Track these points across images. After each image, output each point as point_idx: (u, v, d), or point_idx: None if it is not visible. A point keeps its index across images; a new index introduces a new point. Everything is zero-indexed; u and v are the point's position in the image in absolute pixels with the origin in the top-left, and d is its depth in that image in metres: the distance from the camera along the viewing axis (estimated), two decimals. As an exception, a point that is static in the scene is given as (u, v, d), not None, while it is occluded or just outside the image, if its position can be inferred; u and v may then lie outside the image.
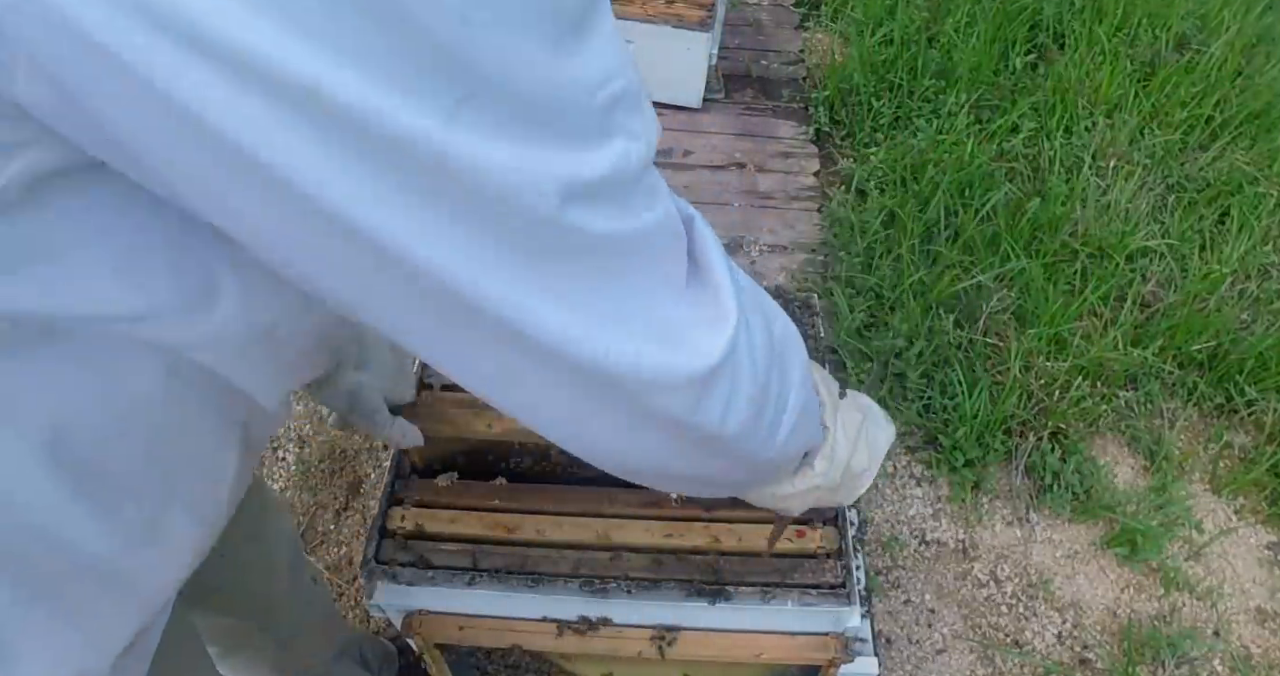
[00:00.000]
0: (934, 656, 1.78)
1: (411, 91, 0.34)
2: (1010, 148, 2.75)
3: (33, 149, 0.39)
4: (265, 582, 1.15)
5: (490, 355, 0.45)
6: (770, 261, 2.57)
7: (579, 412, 0.50)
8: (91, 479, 0.51)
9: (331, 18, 0.32)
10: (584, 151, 0.40)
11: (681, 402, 0.50)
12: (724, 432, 0.53)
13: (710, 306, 0.51)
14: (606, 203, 0.41)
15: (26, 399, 0.46)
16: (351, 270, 0.40)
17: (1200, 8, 3.33)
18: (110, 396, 0.49)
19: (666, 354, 0.47)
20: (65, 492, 0.49)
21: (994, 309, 2.30)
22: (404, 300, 0.41)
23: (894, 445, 0.88)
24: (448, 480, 1.17)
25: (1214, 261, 2.41)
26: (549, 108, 0.38)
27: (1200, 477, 2.11)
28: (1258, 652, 1.82)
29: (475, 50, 0.35)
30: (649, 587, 1.07)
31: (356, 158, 0.34)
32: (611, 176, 0.41)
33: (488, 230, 0.39)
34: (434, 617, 1.13)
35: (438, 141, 0.35)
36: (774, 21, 3.66)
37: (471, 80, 0.35)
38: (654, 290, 0.47)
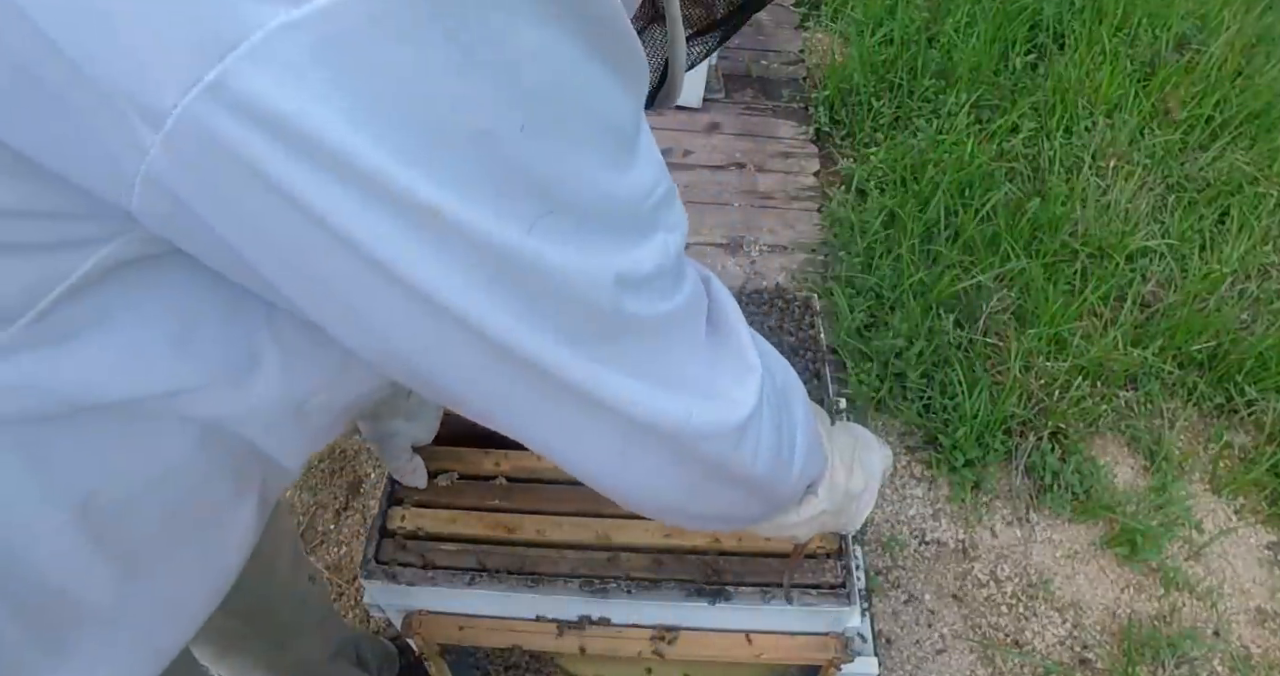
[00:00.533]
0: (934, 656, 1.78)
1: (501, 210, 0.41)
2: (1010, 148, 2.75)
3: (118, 240, 0.43)
4: (263, 582, 1.15)
5: (555, 415, 0.52)
6: (770, 261, 2.57)
7: (628, 460, 0.56)
8: (113, 540, 0.53)
9: (442, 151, 0.38)
10: (635, 249, 0.47)
11: (722, 448, 0.57)
12: (754, 472, 0.60)
13: (737, 359, 0.58)
14: (651, 291, 0.48)
15: (64, 464, 0.48)
16: (444, 349, 0.46)
17: (1200, 8, 3.33)
18: (144, 464, 0.52)
19: (711, 407, 0.55)
20: (86, 553, 0.51)
21: (994, 309, 2.30)
22: (480, 369, 0.47)
23: (890, 466, 0.93)
24: (448, 480, 1.17)
25: (1214, 261, 2.41)
26: (609, 216, 0.45)
27: (1200, 477, 2.10)
28: (1258, 652, 1.82)
29: (551, 174, 0.41)
30: (649, 587, 1.07)
31: (463, 263, 0.41)
32: (656, 269, 0.48)
33: (559, 316, 0.45)
34: (434, 617, 1.13)
35: (521, 248, 0.42)
36: (774, 21, 3.66)
37: (547, 199, 0.42)
38: (693, 352, 0.54)
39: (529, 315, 0.44)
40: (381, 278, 0.40)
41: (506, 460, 1.19)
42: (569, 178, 0.42)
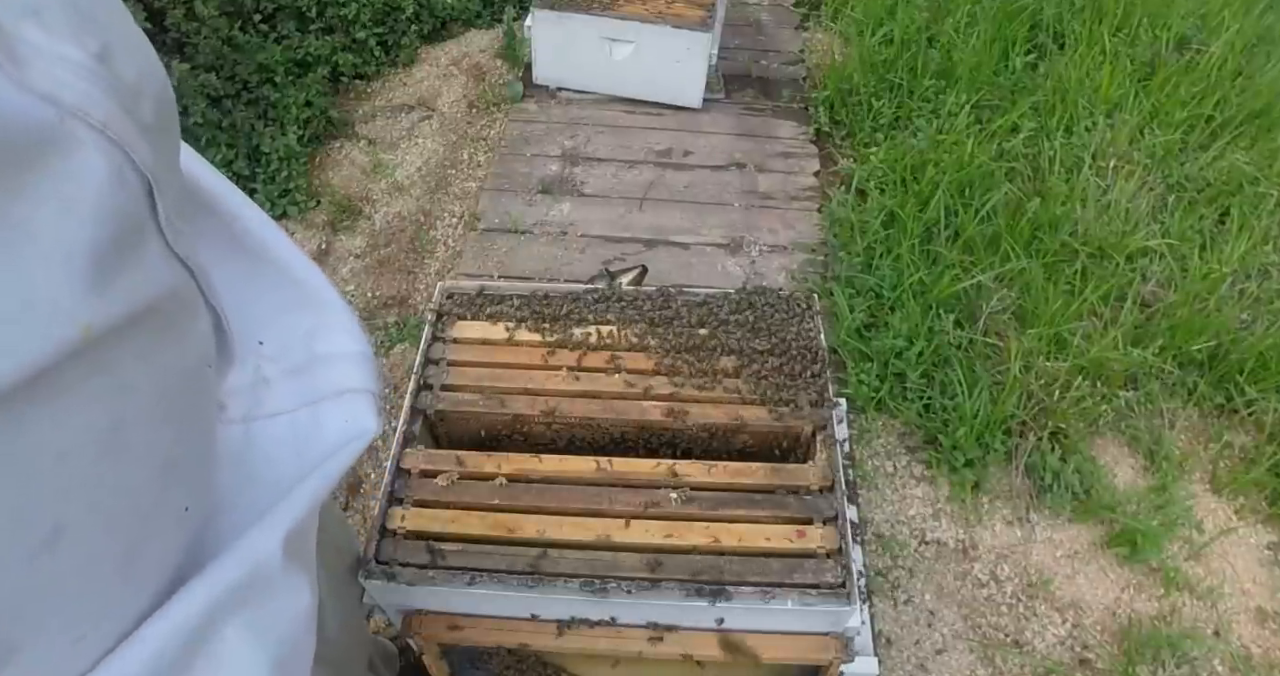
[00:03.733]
0: (934, 656, 1.78)
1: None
2: (1010, 148, 2.75)
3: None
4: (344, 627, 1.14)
5: None
6: (770, 261, 2.57)
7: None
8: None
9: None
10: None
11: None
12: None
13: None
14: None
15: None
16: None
17: (1200, 8, 3.33)
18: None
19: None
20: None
21: (994, 309, 2.30)
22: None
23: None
24: (448, 480, 1.17)
25: (1214, 261, 2.41)
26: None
27: (1200, 477, 2.10)
28: (1258, 652, 1.82)
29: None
30: (649, 587, 1.07)
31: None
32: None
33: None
34: (434, 617, 1.13)
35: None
36: (774, 21, 3.66)
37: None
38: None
39: None
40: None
41: (507, 461, 1.19)
42: None
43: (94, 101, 0.36)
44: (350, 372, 0.62)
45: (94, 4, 0.39)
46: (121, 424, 0.40)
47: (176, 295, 0.44)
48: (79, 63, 0.36)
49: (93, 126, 0.36)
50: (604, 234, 2.64)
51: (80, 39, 0.37)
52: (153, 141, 0.41)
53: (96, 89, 0.37)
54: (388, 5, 3.16)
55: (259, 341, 0.60)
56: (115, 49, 0.39)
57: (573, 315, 1.37)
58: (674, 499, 1.15)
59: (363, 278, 2.49)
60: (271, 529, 0.49)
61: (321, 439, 0.59)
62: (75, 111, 0.35)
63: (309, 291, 0.65)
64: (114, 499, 0.40)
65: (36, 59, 0.34)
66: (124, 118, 0.38)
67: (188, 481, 0.48)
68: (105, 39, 0.38)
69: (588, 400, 1.27)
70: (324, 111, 2.85)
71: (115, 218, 0.38)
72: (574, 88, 3.13)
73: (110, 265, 0.37)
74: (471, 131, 2.98)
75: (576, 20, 2.87)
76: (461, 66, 3.21)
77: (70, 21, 0.36)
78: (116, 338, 0.38)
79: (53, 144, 0.34)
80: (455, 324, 1.37)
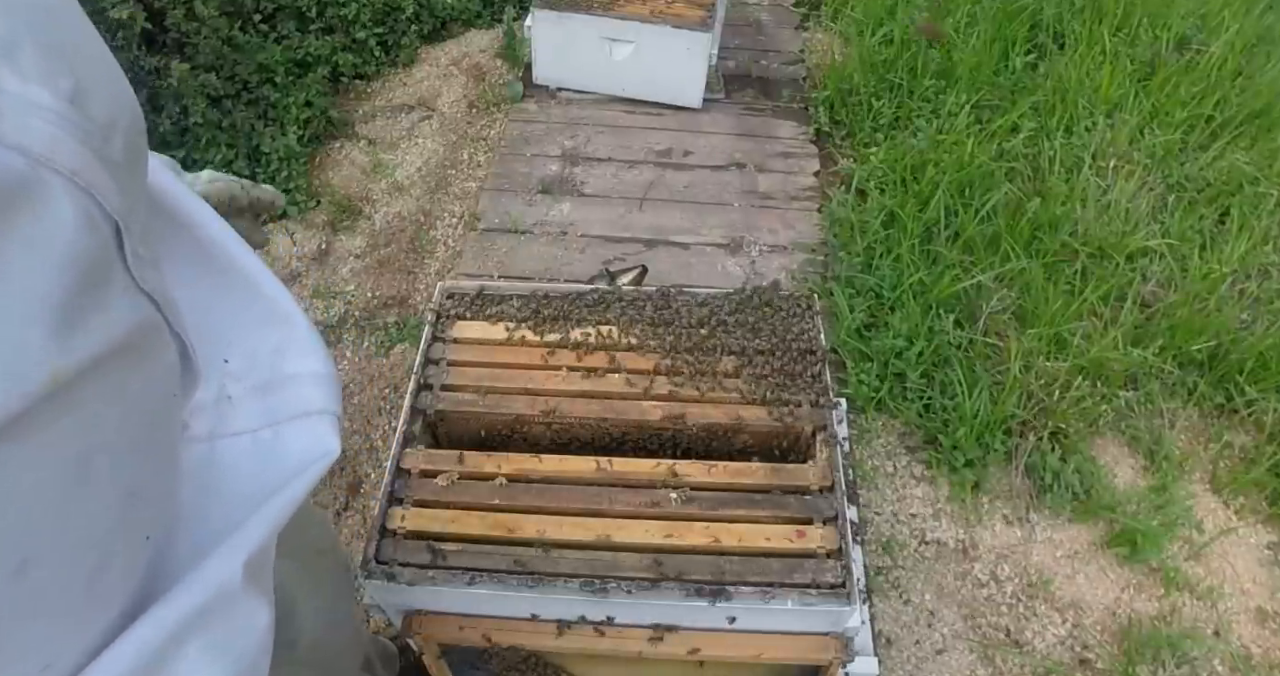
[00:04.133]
0: (934, 656, 1.78)
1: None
2: (1010, 148, 2.75)
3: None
4: (331, 630, 1.14)
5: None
6: (770, 261, 2.57)
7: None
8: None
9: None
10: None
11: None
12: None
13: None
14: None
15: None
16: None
17: (1200, 8, 3.33)
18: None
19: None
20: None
21: (994, 309, 2.30)
22: None
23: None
24: (448, 480, 1.17)
25: (1214, 261, 2.41)
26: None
27: (1200, 477, 2.10)
28: (1258, 652, 1.82)
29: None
30: (649, 587, 1.07)
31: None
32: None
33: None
34: (434, 617, 1.13)
35: None
36: (774, 21, 3.66)
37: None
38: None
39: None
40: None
41: (507, 461, 1.19)
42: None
43: (64, 148, 0.36)
44: (314, 394, 0.62)
45: (67, 39, 0.39)
46: (87, 458, 0.40)
47: (142, 330, 0.44)
48: (50, 108, 0.36)
49: (62, 174, 0.36)
50: (604, 234, 2.64)
51: (53, 80, 0.37)
52: (122, 179, 0.41)
53: (67, 134, 0.37)
54: (388, 5, 3.16)
55: (225, 359, 0.60)
56: (88, 86, 0.39)
57: (573, 315, 1.37)
58: (674, 499, 1.15)
59: (363, 278, 2.49)
60: (232, 554, 0.50)
61: (283, 458, 0.59)
62: (45, 160, 0.35)
63: (276, 309, 0.64)
64: (78, 530, 0.41)
65: (9, 107, 0.34)
66: (94, 161, 0.38)
67: (150, 509, 0.48)
68: (78, 76, 0.38)
69: (588, 400, 1.27)
70: (324, 111, 2.85)
71: (82, 263, 0.38)
72: (574, 88, 3.13)
73: (77, 310, 0.37)
74: (471, 131, 2.98)
75: (576, 20, 2.87)
76: (461, 66, 3.21)
77: (44, 62, 0.36)
78: (82, 378, 0.38)
79: (21, 193, 0.34)
80: (455, 324, 1.37)
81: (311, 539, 1.07)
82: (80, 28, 0.42)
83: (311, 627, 1.02)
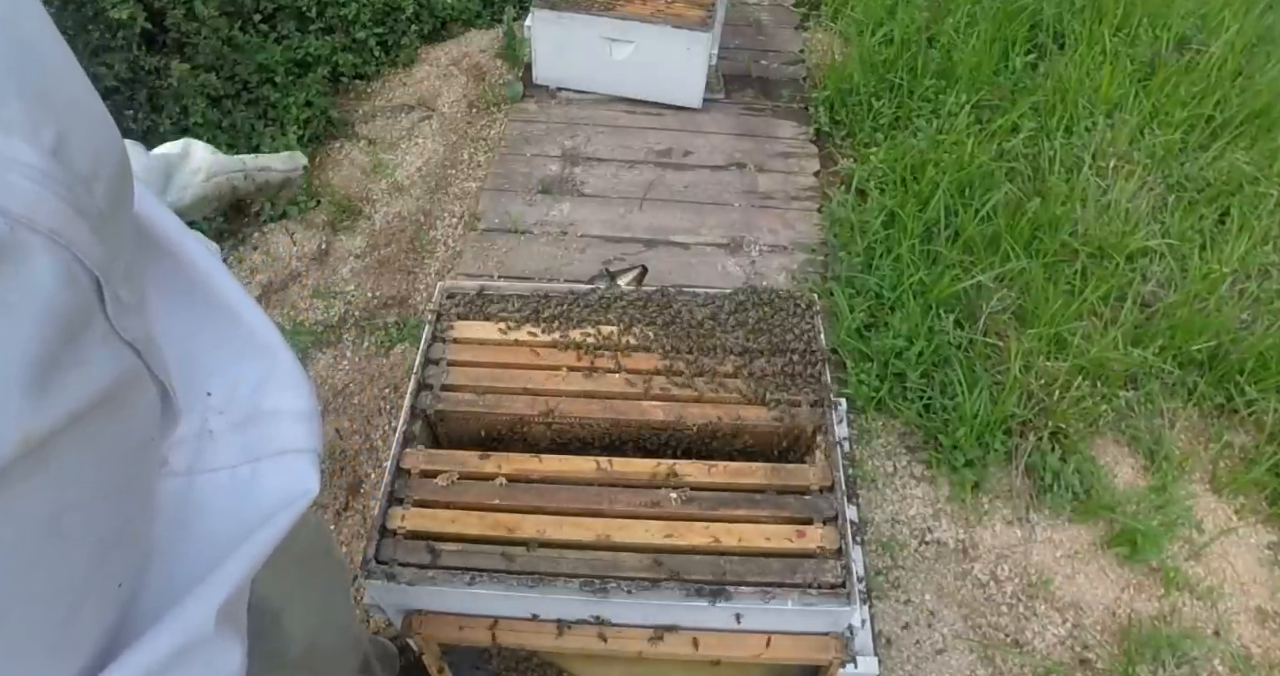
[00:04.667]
0: (934, 656, 1.78)
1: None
2: (1010, 148, 2.75)
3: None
4: (325, 625, 1.14)
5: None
6: (770, 261, 2.57)
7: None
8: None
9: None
10: None
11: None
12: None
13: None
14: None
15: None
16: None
17: (1200, 8, 3.33)
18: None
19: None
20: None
21: (994, 309, 2.30)
22: None
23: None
24: (448, 480, 1.17)
25: (1214, 261, 2.41)
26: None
27: (1200, 477, 2.10)
28: (1258, 652, 1.82)
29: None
30: (649, 587, 1.07)
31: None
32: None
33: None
34: (434, 617, 1.13)
35: None
36: (774, 21, 3.66)
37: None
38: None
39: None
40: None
41: (507, 461, 1.19)
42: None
43: (44, 206, 0.36)
44: (295, 432, 0.61)
45: (51, 83, 0.38)
46: (59, 513, 0.40)
47: (122, 380, 0.43)
48: (32, 164, 0.35)
49: (41, 233, 0.35)
50: (604, 234, 2.64)
51: (36, 133, 0.36)
52: (103, 228, 0.40)
53: (48, 191, 0.36)
54: (388, 5, 3.16)
55: (207, 392, 0.60)
56: (70, 134, 0.38)
57: (573, 315, 1.37)
58: (674, 499, 1.15)
59: (363, 278, 2.49)
60: (205, 600, 0.49)
61: (261, 495, 0.58)
62: (25, 221, 0.35)
63: (260, 343, 0.63)
64: (49, 581, 0.41)
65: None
66: (74, 217, 0.37)
67: (123, 554, 0.48)
68: (61, 125, 0.37)
69: (587, 400, 1.27)
70: (324, 111, 2.85)
71: (60, 320, 0.37)
72: (574, 88, 3.13)
73: (54, 368, 0.36)
74: (471, 131, 2.98)
75: (576, 20, 2.87)
76: (461, 66, 3.21)
77: (27, 113, 0.36)
78: (57, 435, 0.37)
79: (2, 256, 0.34)
80: (455, 324, 1.37)
81: (302, 546, 1.06)
82: (65, 69, 0.41)
83: (303, 633, 1.02)
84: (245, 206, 2.61)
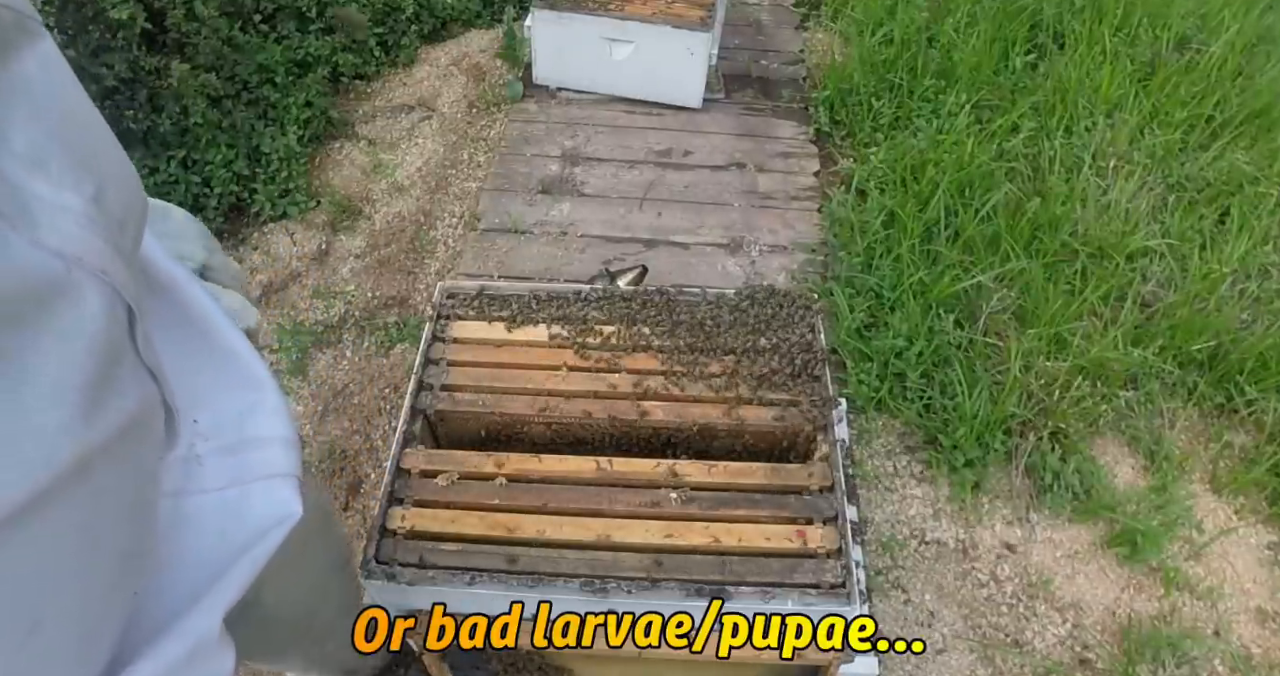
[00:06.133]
0: (934, 656, 1.78)
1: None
2: (1010, 148, 2.75)
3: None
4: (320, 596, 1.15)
5: None
6: (770, 261, 2.57)
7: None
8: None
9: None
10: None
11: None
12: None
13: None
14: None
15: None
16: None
17: (1200, 8, 3.33)
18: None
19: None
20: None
21: (994, 309, 2.30)
22: None
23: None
24: (448, 480, 1.17)
25: (1214, 261, 2.41)
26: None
27: (1200, 477, 2.10)
28: (1258, 652, 1.82)
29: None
30: (649, 587, 1.07)
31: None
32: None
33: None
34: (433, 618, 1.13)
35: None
36: (774, 21, 3.66)
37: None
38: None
39: None
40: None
41: (507, 461, 1.19)
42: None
43: (92, 248, 0.40)
44: (279, 457, 0.64)
45: (88, 144, 0.43)
46: (95, 524, 0.43)
47: (145, 404, 0.47)
48: (79, 211, 0.40)
49: (89, 271, 0.40)
50: (604, 234, 2.64)
51: (79, 185, 0.40)
52: (132, 266, 0.45)
53: (94, 235, 0.41)
54: (388, 5, 3.16)
55: (195, 419, 0.62)
56: (106, 186, 0.43)
57: (573, 315, 1.37)
58: (674, 499, 1.15)
59: (363, 277, 2.49)
60: (211, 611, 0.54)
61: (247, 518, 0.61)
62: (77, 261, 0.39)
63: (249, 374, 0.66)
64: (82, 591, 0.43)
65: (44, 214, 0.38)
66: (114, 256, 0.42)
67: (140, 567, 0.52)
68: (99, 179, 0.42)
69: (587, 400, 1.27)
70: (324, 111, 2.85)
71: (104, 348, 0.41)
72: (574, 88, 3.13)
73: (98, 392, 0.41)
74: (471, 131, 2.98)
75: (576, 20, 2.87)
76: (461, 66, 3.21)
77: (71, 169, 0.40)
78: (96, 453, 0.41)
79: (59, 292, 0.38)
80: (455, 324, 1.37)
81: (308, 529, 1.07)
82: (99, 131, 0.46)
83: (287, 604, 1.04)
84: (245, 206, 2.62)
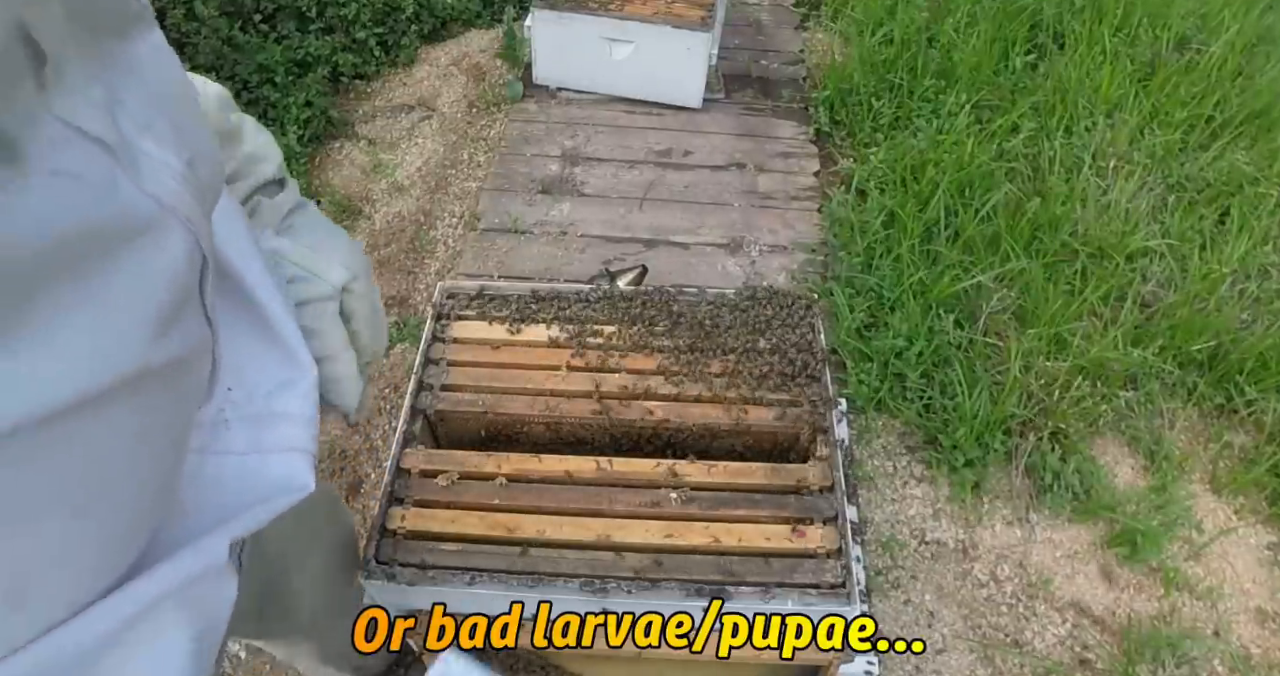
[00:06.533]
0: (934, 656, 1.78)
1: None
2: (1010, 148, 2.75)
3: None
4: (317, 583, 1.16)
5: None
6: (770, 261, 2.57)
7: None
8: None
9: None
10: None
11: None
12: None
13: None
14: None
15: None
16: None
17: (1200, 8, 3.33)
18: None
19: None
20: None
21: (994, 309, 2.30)
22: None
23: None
24: (448, 480, 1.17)
25: (1214, 261, 2.41)
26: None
27: (1200, 477, 2.10)
28: (1258, 652, 1.82)
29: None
30: (649, 587, 1.07)
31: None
32: None
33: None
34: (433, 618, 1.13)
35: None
36: (774, 21, 3.66)
37: None
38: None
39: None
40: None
41: (507, 461, 1.19)
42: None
43: (184, 200, 0.48)
44: (301, 434, 0.69)
45: (186, 122, 0.52)
46: (145, 430, 0.50)
47: (201, 347, 0.55)
48: (176, 169, 0.48)
49: (179, 218, 0.48)
50: (604, 234, 2.64)
51: (178, 150, 0.48)
52: (209, 227, 0.53)
53: (186, 191, 0.48)
54: (388, 5, 3.16)
55: (229, 388, 0.68)
56: (198, 158, 0.51)
57: (573, 315, 1.37)
58: (674, 499, 1.15)
59: (363, 278, 2.49)
60: (224, 536, 0.59)
61: (263, 483, 0.67)
62: (171, 208, 0.47)
63: (288, 354, 0.71)
64: (123, 493, 0.50)
65: (149, 167, 0.46)
66: (200, 212, 0.50)
67: (165, 503, 0.57)
68: (192, 151, 0.50)
69: (588, 400, 1.27)
70: (324, 111, 2.85)
71: (180, 287, 0.49)
72: (574, 88, 3.13)
73: (168, 322, 0.48)
74: (471, 131, 2.98)
75: (576, 20, 2.87)
76: (461, 66, 3.21)
77: (172, 136, 0.48)
78: (152, 374, 0.48)
79: (151, 228, 0.46)
80: (455, 324, 1.37)
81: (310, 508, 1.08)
82: (195, 114, 0.55)
83: (309, 595, 1.07)
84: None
